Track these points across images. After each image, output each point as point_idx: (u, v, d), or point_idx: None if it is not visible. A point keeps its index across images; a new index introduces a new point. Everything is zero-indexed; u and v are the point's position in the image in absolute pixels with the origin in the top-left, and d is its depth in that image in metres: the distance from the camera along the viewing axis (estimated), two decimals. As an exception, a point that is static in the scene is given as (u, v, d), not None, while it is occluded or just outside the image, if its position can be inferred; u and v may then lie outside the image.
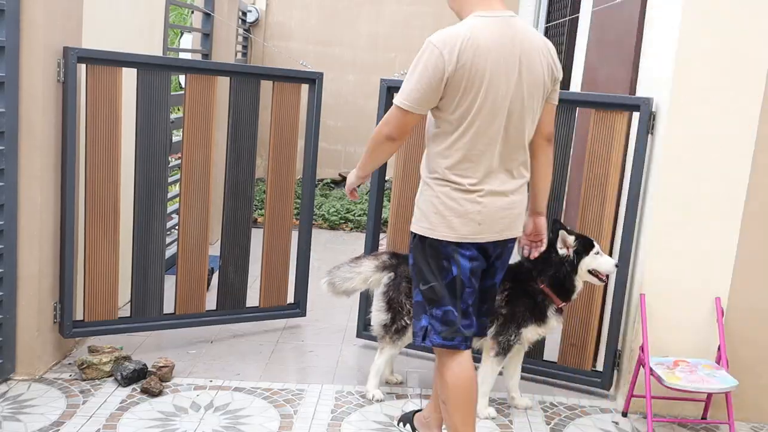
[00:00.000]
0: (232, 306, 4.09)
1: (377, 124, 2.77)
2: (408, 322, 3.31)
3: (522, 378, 3.53)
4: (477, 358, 3.47)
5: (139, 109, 3.63)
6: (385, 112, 3.46)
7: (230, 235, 4.05)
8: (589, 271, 3.21)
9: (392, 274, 3.39)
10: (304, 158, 4.20)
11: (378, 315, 3.43)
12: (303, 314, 4.31)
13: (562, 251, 3.16)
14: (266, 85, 4.03)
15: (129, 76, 3.60)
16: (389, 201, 3.99)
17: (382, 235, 4.02)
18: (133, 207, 3.71)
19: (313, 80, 4.08)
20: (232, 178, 3.98)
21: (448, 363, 2.64)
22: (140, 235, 3.74)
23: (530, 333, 3.28)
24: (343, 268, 3.49)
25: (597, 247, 3.24)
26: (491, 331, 3.25)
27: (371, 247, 3.89)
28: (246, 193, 4.03)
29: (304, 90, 4.11)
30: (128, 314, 3.79)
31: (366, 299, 3.92)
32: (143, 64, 3.60)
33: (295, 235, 4.25)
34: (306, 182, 4.21)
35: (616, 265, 3.33)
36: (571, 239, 3.17)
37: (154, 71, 3.62)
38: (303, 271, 4.28)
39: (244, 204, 4.04)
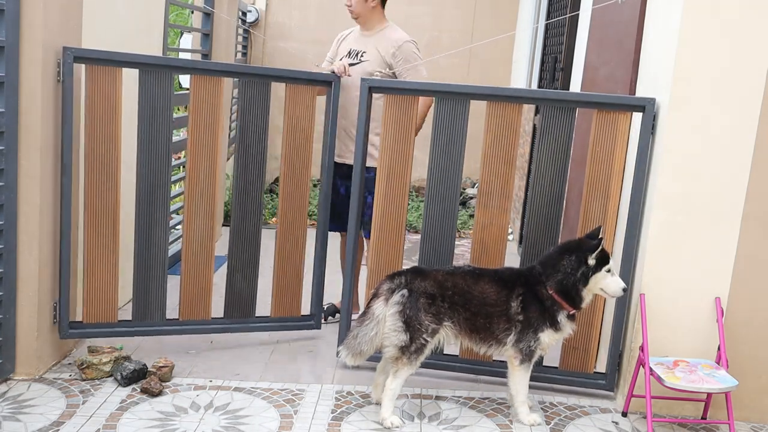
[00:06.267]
0: (240, 315, 3.96)
1: (364, 122, 3.61)
2: (427, 339, 3.17)
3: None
4: (501, 372, 3.47)
5: (140, 111, 3.57)
6: (366, 111, 3.65)
7: (238, 241, 3.89)
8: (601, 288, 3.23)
9: (406, 291, 3.17)
10: (321, 160, 4.03)
11: (395, 336, 3.16)
12: (317, 327, 4.15)
13: (591, 261, 3.16)
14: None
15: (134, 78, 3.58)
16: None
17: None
18: (135, 210, 3.64)
19: (330, 83, 3.96)
20: (241, 182, 3.85)
21: None
22: (142, 239, 3.65)
23: (548, 338, 3.24)
24: (360, 332, 3.21)
25: (610, 264, 3.21)
26: (511, 339, 3.23)
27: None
28: (255, 197, 3.89)
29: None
30: (130, 313, 3.78)
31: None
32: (143, 65, 3.54)
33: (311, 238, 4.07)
34: (323, 185, 4.02)
35: (624, 290, 3.25)
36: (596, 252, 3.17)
37: (155, 72, 3.55)
38: (319, 283, 4.10)
39: (253, 209, 3.90)
